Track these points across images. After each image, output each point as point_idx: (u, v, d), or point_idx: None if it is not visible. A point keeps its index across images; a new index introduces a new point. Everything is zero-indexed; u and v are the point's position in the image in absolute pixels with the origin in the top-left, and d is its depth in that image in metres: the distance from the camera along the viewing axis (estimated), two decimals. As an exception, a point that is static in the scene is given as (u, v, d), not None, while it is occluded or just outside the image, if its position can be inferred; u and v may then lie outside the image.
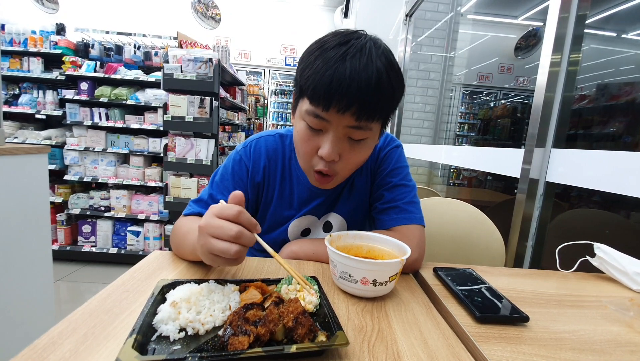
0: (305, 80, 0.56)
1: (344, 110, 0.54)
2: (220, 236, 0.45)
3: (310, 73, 0.55)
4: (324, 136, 0.59)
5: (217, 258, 0.46)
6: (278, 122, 6.98)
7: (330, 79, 0.52)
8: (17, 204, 1.31)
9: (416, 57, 3.02)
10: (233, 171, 0.74)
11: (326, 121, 0.57)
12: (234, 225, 0.45)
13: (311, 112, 0.57)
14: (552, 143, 1.03)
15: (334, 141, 0.58)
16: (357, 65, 0.52)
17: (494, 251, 1.03)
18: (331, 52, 0.54)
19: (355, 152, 0.61)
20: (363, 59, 0.53)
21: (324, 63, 0.53)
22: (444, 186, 3.29)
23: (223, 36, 5.82)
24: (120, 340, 0.36)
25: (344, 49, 0.53)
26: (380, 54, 0.55)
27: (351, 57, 0.53)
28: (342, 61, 0.52)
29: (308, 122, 0.59)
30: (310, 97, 0.56)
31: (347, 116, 0.55)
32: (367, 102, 0.54)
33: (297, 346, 0.34)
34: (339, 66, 0.52)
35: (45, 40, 2.75)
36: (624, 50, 1.75)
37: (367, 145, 0.62)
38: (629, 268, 0.63)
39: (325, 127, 0.58)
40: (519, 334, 0.45)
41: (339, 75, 0.52)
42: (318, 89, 0.54)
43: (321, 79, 0.53)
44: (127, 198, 2.73)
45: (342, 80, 0.52)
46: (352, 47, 0.54)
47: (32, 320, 1.40)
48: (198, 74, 2.41)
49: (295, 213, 0.76)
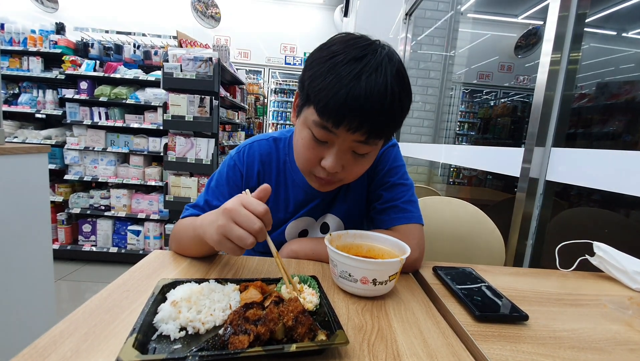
0: (317, 92, 0.54)
1: (355, 130, 0.53)
2: (243, 225, 0.47)
3: (323, 87, 0.52)
4: (328, 148, 0.58)
5: (229, 242, 0.48)
6: (278, 121, 6.98)
7: (344, 99, 0.51)
8: (18, 204, 1.31)
9: (416, 56, 3.01)
10: (227, 176, 0.73)
11: (334, 134, 0.56)
12: (258, 221, 0.47)
13: (319, 124, 0.55)
14: (552, 142, 1.03)
15: (338, 154, 0.58)
16: (372, 85, 0.51)
17: (494, 250, 1.03)
18: (346, 68, 0.51)
19: (358, 165, 0.62)
20: (379, 79, 0.51)
21: (338, 80, 0.51)
22: (444, 185, 3.28)
23: (223, 35, 5.82)
24: (120, 339, 0.36)
25: (359, 66, 0.51)
26: (394, 73, 0.53)
27: (367, 76, 0.51)
28: (357, 80, 0.51)
29: (314, 132, 0.57)
30: (320, 111, 0.54)
31: (357, 134, 0.54)
32: (378, 123, 0.54)
33: (297, 345, 0.35)
34: (354, 85, 0.50)
35: (44, 39, 2.74)
36: (624, 49, 1.74)
37: (370, 157, 0.63)
38: (629, 267, 0.64)
39: (331, 140, 0.57)
40: (518, 333, 0.45)
41: (354, 95, 0.50)
42: (330, 105, 0.52)
43: (335, 96, 0.51)
44: (127, 197, 2.73)
45: (357, 101, 0.51)
46: (368, 66, 0.51)
47: (33, 319, 1.41)
48: (198, 73, 2.41)
49: (290, 216, 0.76)
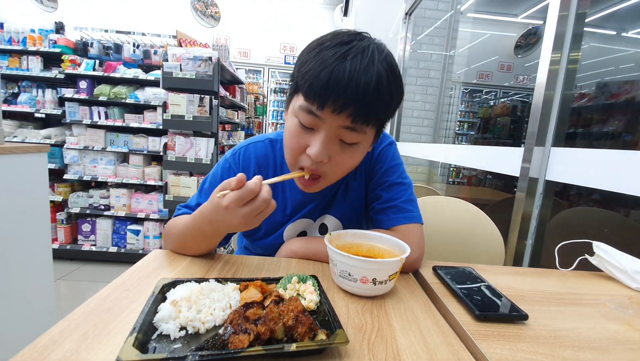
0: (302, 76, 0.54)
1: (340, 110, 0.52)
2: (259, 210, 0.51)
3: (308, 69, 0.53)
4: (315, 134, 0.57)
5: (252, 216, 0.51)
6: (277, 120, 6.97)
7: (328, 77, 0.50)
8: (17, 203, 1.31)
9: (416, 55, 3.01)
10: (222, 179, 0.71)
11: (319, 119, 0.55)
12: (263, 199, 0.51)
13: (305, 108, 0.55)
14: (552, 142, 1.03)
15: (324, 141, 0.56)
16: (358, 66, 0.51)
17: (494, 250, 1.03)
18: (331, 50, 0.52)
19: (346, 156, 0.59)
20: (364, 60, 0.51)
21: (323, 60, 0.51)
22: (443, 184, 3.28)
23: (222, 35, 5.81)
24: (120, 339, 0.36)
25: (345, 48, 0.52)
26: (382, 59, 0.53)
27: (352, 57, 0.51)
28: (342, 59, 0.51)
29: (300, 118, 0.57)
30: (305, 93, 0.54)
31: (342, 116, 0.53)
32: (364, 105, 0.53)
33: (297, 345, 0.35)
34: (338, 64, 0.51)
35: (44, 38, 2.74)
36: (623, 49, 1.75)
37: (359, 150, 0.60)
38: (628, 267, 0.64)
39: (317, 125, 0.56)
40: (518, 332, 0.45)
41: (338, 73, 0.50)
42: (315, 85, 0.52)
43: (319, 75, 0.51)
44: (127, 196, 2.73)
45: (341, 79, 0.50)
46: (354, 48, 0.52)
47: (33, 319, 1.40)
48: (197, 73, 2.40)
49: (289, 218, 0.75)
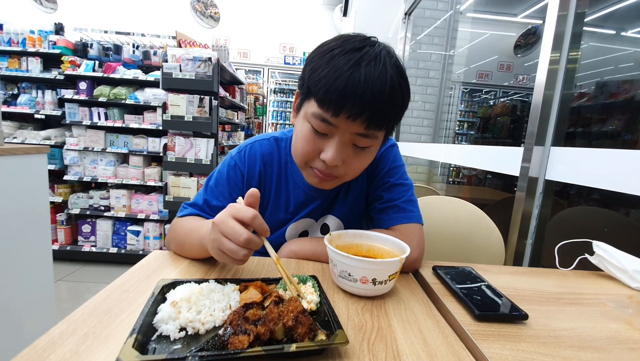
0: (316, 83, 0.54)
1: (355, 117, 0.53)
2: (231, 238, 0.47)
3: (322, 76, 0.53)
4: (328, 140, 0.58)
5: (225, 255, 0.48)
6: (277, 121, 6.97)
7: (344, 85, 0.51)
8: (17, 205, 1.31)
9: (415, 55, 3.01)
10: (228, 176, 0.73)
11: (333, 126, 0.55)
12: (245, 231, 0.46)
13: (318, 115, 0.55)
14: (551, 141, 1.03)
15: (338, 146, 0.57)
16: (372, 72, 0.51)
17: (494, 250, 1.03)
18: (344, 57, 0.52)
19: (359, 159, 0.61)
20: (377, 67, 0.52)
21: (337, 67, 0.52)
22: (443, 184, 3.28)
23: (222, 35, 5.81)
24: (120, 340, 0.36)
25: (358, 55, 0.52)
26: (393, 64, 0.54)
27: (366, 64, 0.51)
28: (356, 67, 0.51)
29: (314, 125, 0.57)
30: (320, 101, 0.54)
31: (357, 123, 0.54)
32: (379, 111, 0.53)
33: (297, 345, 0.35)
34: (353, 72, 0.51)
35: (43, 40, 2.74)
36: (623, 48, 1.74)
37: (371, 152, 0.62)
38: (628, 266, 0.64)
39: (331, 132, 0.57)
40: (518, 332, 0.45)
41: (354, 81, 0.51)
42: (330, 93, 0.52)
43: (334, 83, 0.51)
44: (127, 197, 2.73)
45: (357, 87, 0.51)
46: (367, 55, 0.52)
47: (33, 320, 1.40)
48: (197, 74, 2.40)
49: (291, 217, 0.76)
